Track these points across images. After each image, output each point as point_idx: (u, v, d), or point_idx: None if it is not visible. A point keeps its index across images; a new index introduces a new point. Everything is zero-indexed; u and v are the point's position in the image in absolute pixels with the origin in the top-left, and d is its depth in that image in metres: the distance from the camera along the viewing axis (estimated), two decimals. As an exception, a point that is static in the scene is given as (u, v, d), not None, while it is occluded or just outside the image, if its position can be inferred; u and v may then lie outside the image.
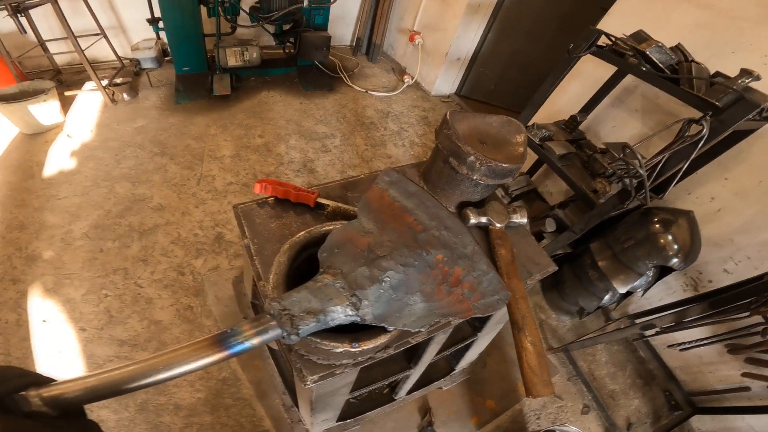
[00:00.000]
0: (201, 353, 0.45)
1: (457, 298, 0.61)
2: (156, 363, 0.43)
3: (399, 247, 0.61)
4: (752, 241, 1.72)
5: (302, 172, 2.77)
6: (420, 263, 0.61)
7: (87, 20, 2.91)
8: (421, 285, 0.60)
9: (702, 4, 1.80)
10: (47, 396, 0.38)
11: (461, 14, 3.29)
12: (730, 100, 1.35)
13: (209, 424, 1.61)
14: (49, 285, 1.90)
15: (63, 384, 0.39)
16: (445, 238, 0.65)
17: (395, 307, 0.57)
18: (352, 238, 0.63)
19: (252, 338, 0.48)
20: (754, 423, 1.82)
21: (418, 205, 0.68)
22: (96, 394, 0.40)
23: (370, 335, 0.63)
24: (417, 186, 0.70)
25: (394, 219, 0.67)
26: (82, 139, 2.66)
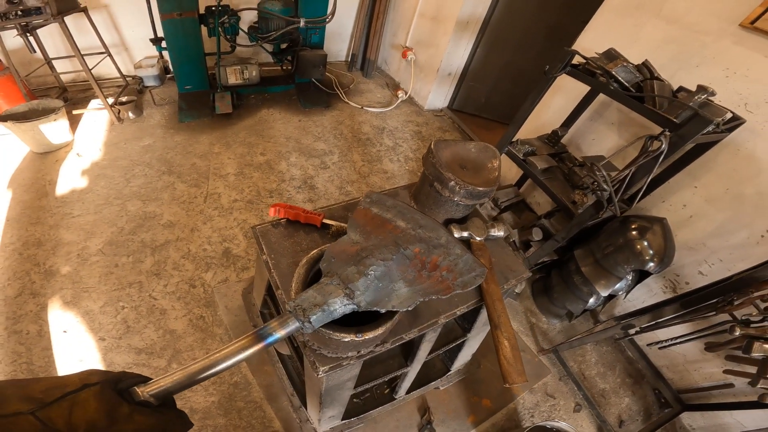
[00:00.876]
0: (247, 346, 0.59)
1: (437, 280, 0.75)
2: (218, 357, 0.57)
3: (380, 248, 0.76)
4: (724, 244, 1.81)
5: (303, 189, 2.88)
6: (398, 257, 0.75)
7: (90, 38, 3.00)
8: (403, 273, 0.74)
9: (670, 18, 1.88)
10: (151, 389, 0.50)
11: (451, 30, 3.43)
12: (687, 116, 1.44)
13: (223, 426, 1.69)
14: (68, 298, 1.99)
15: (160, 379, 0.51)
16: (420, 234, 0.78)
17: (383, 293, 0.72)
18: (344, 249, 0.77)
19: (279, 331, 0.63)
20: (742, 418, 1.88)
21: (396, 214, 0.82)
22: (183, 384, 0.53)
23: (371, 328, 0.78)
24: (393, 200, 0.84)
25: (376, 229, 0.80)
26: (92, 157, 2.77)
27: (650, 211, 2.04)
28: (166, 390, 0.51)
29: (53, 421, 0.40)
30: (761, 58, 1.61)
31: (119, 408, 0.44)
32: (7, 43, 2.67)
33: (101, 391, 0.44)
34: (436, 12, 3.59)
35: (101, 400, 0.43)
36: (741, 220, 1.75)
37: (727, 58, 1.71)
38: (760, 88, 1.62)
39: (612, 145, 2.21)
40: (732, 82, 1.69)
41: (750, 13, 1.61)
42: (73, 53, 2.65)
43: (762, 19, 1.58)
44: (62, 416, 0.41)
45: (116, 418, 0.43)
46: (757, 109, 1.63)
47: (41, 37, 2.91)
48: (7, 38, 2.68)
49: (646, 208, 2.06)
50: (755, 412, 1.79)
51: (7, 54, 2.68)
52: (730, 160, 1.74)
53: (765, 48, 1.60)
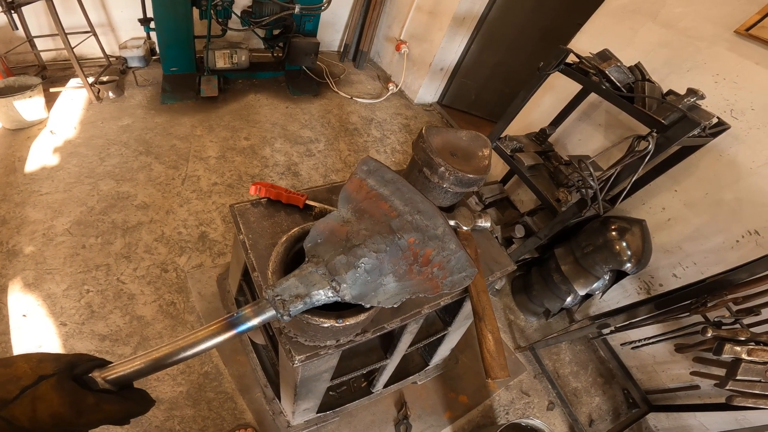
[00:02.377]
0: (217, 333, 0.56)
1: (427, 277, 0.69)
2: (185, 343, 0.54)
3: (374, 235, 0.69)
4: (699, 248, 1.86)
5: (286, 175, 2.83)
6: (392, 248, 0.68)
7: (77, 17, 2.90)
8: (394, 267, 0.69)
9: (665, 22, 1.92)
10: (110, 375, 0.48)
11: (447, 26, 3.42)
12: (675, 118, 1.47)
13: (191, 417, 1.63)
14: (29, 280, 1.89)
15: (119, 365, 0.49)
16: (417, 221, 0.71)
17: (370, 288, 0.67)
18: (333, 228, 0.71)
19: (253, 319, 0.59)
20: (704, 420, 1.93)
21: (393, 191, 0.73)
22: (145, 371, 0.50)
23: (353, 313, 0.74)
24: (393, 173, 0.75)
25: (371, 206, 0.73)
26: (66, 135, 2.65)
27: (630, 212, 2.08)
28: (126, 377, 0.49)
29: (18, 419, 0.39)
30: (752, 65, 1.64)
31: (84, 399, 0.43)
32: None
33: (59, 382, 0.42)
34: (434, 6, 3.57)
35: (62, 392, 0.42)
36: (717, 225, 1.80)
37: (718, 64, 1.75)
38: (747, 95, 1.66)
39: (598, 146, 2.24)
40: (720, 88, 1.73)
41: (746, 20, 1.64)
42: (56, 31, 2.54)
43: (758, 27, 1.60)
44: (26, 413, 0.39)
45: (82, 409, 0.42)
46: (742, 116, 1.67)
47: (25, 14, 2.77)
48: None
49: (627, 210, 2.09)
50: (718, 414, 1.84)
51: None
52: (712, 165, 1.79)
53: (757, 55, 1.64)
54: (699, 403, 1.89)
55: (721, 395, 1.73)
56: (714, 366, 1.60)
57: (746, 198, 1.70)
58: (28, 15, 2.81)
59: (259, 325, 0.59)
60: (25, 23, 2.80)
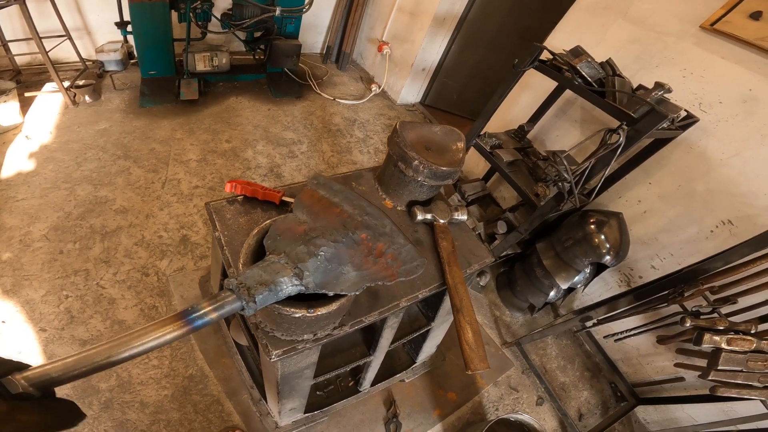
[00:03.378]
0: (167, 329, 0.51)
1: (383, 267, 0.74)
2: (128, 339, 0.48)
3: (330, 229, 0.74)
4: (675, 239, 1.90)
5: (269, 177, 2.81)
6: (347, 240, 0.73)
7: (51, 21, 2.84)
8: (351, 257, 0.73)
9: (635, 19, 1.96)
10: (32, 377, 0.42)
11: (427, 26, 3.45)
12: (644, 111, 1.51)
13: (177, 421, 1.61)
14: (7, 286, 1.85)
15: (45, 366, 0.43)
16: (367, 221, 0.78)
17: (332, 276, 0.69)
18: (291, 227, 0.74)
19: (210, 313, 0.55)
20: (691, 412, 1.94)
21: (343, 199, 0.81)
22: (76, 372, 0.44)
23: (323, 303, 0.75)
24: (340, 185, 0.84)
25: (323, 211, 0.79)
26: (42, 140, 2.59)
27: (608, 206, 2.12)
28: (51, 379, 0.43)
29: None
30: (717, 59, 1.69)
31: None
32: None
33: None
34: (414, 7, 3.60)
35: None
36: (691, 216, 1.84)
37: (686, 58, 1.79)
38: (714, 89, 1.70)
39: (574, 141, 2.27)
40: (688, 82, 1.77)
41: (710, 15, 1.68)
42: (30, 36, 2.49)
43: (722, 21, 1.64)
44: None
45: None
46: (711, 109, 1.71)
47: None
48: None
49: (604, 204, 2.13)
50: (705, 405, 1.84)
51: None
52: (683, 157, 1.83)
53: (722, 50, 1.68)
54: (685, 395, 1.90)
55: (705, 386, 1.77)
56: (696, 357, 1.60)
57: (718, 189, 1.74)
58: (2, 19, 2.75)
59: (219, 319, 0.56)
60: (-2, 27, 2.74)
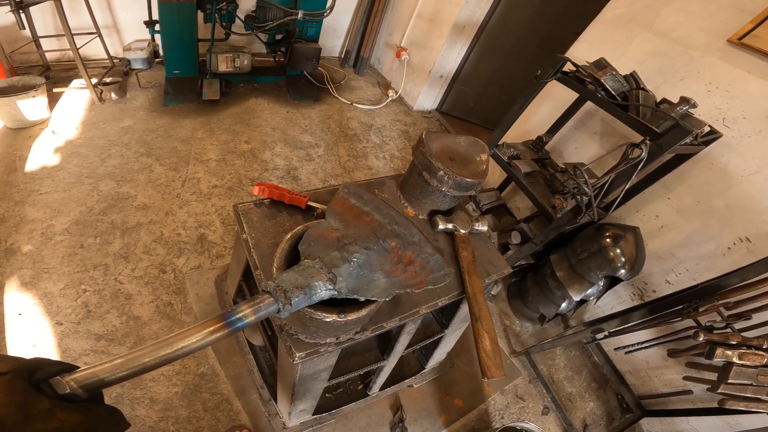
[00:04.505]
0: (209, 331, 0.52)
1: (411, 275, 0.77)
2: (173, 340, 0.49)
3: (361, 237, 0.77)
4: (691, 254, 1.89)
5: (286, 179, 2.84)
6: (378, 248, 0.76)
7: (83, 18, 2.92)
8: (381, 265, 0.75)
9: (659, 32, 1.95)
10: (80, 379, 0.42)
11: (447, 34, 3.47)
12: (667, 126, 1.49)
13: (185, 418, 1.62)
14: (26, 278, 1.88)
15: (93, 367, 0.43)
16: (396, 230, 0.81)
17: (363, 282, 0.71)
18: (324, 233, 0.77)
19: (250, 315, 0.57)
20: (697, 425, 1.94)
21: (373, 208, 0.84)
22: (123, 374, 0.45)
23: (354, 308, 0.77)
24: (370, 194, 0.87)
25: (354, 219, 0.82)
26: (67, 135, 2.66)
27: (624, 220, 2.11)
28: (100, 380, 0.43)
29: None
30: (743, 74, 1.67)
31: (36, 403, 0.37)
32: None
33: (11, 381, 0.37)
34: (434, 14, 3.62)
35: (11, 393, 0.36)
36: (709, 232, 1.82)
37: (711, 73, 1.78)
38: (739, 104, 1.69)
39: (593, 154, 2.27)
40: (713, 96, 1.76)
41: (739, 29, 1.66)
42: (63, 32, 2.56)
43: (750, 36, 1.62)
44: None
45: (32, 414, 0.36)
46: (734, 125, 1.70)
47: (32, 14, 2.80)
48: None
49: (621, 217, 2.12)
50: (711, 418, 1.85)
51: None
52: (704, 173, 1.81)
53: (749, 64, 1.66)
54: (692, 407, 1.90)
55: (713, 400, 1.74)
56: (706, 370, 1.61)
57: (737, 205, 1.72)
58: (34, 14, 2.84)
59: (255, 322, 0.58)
60: (32, 23, 2.83)
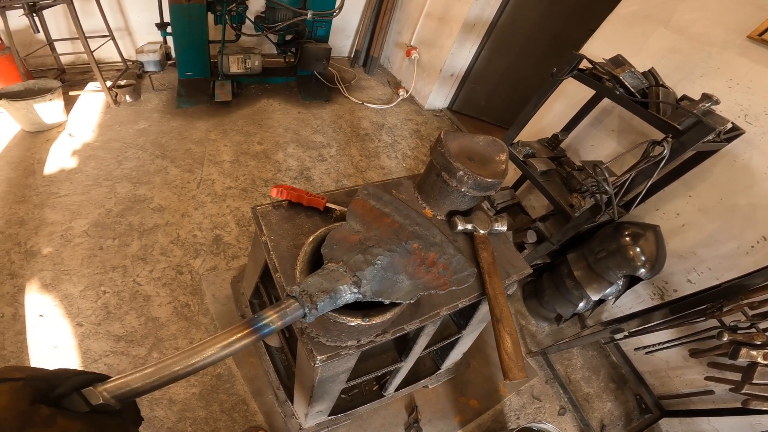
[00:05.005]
0: (237, 337, 0.52)
1: (435, 276, 0.76)
2: (201, 348, 0.49)
3: (384, 239, 0.76)
4: (713, 254, 1.85)
5: (299, 180, 2.85)
6: (401, 250, 0.76)
7: (95, 21, 2.97)
8: (405, 267, 0.75)
9: (677, 28, 1.92)
10: (112, 389, 0.42)
11: (457, 32, 3.45)
12: (689, 123, 1.46)
13: (202, 419, 1.63)
14: (47, 280, 1.92)
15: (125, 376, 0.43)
16: (417, 231, 0.81)
17: (387, 284, 0.71)
18: (346, 236, 0.76)
19: (276, 321, 0.56)
20: (718, 425, 1.92)
21: (393, 209, 0.84)
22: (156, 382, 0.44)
23: (379, 312, 0.76)
24: (390, 195, 0.87)
25: (375, 220, 0.81)
26: (84, 138, 2.70)
27: (644, 218, 2.07)
28: (132, 390, 0.43)
29: None
30: (764, 70, 1.64)
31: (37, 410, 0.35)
32: (10, 22, 2.65)
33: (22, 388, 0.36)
34: (443, 13, 3.60)
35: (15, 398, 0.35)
36: (731, 231, 1.79)
37: (731, 69, 1.74)
38: (761, 100, 1.65)
39: (610, 151, 2.23)
40: (734, 93, 1.72)
41: (758, 25, 1.63)
42: (76, 35, 2.61)
43: (770, 32, 1.59)
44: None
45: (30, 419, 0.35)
46: (756, 121, 1.66)
47: (45, 17, 2.86)
48: (11, 17, 2.66)
49: (641, 216, 2.08)
50: (731, 419, 1.83)
51: (9, 33, 2.66)
52: (726, 170, 1.77)
53: (769, 60, 1.63)
54: (713, 408, 1.88)
55: (735, 400, 1.77)
56: (729, 371, 1.61)
57: (760, 204, 1.68)
58: (48, 18, 2.89)
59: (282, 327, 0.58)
60: (45, 26, 2.88)
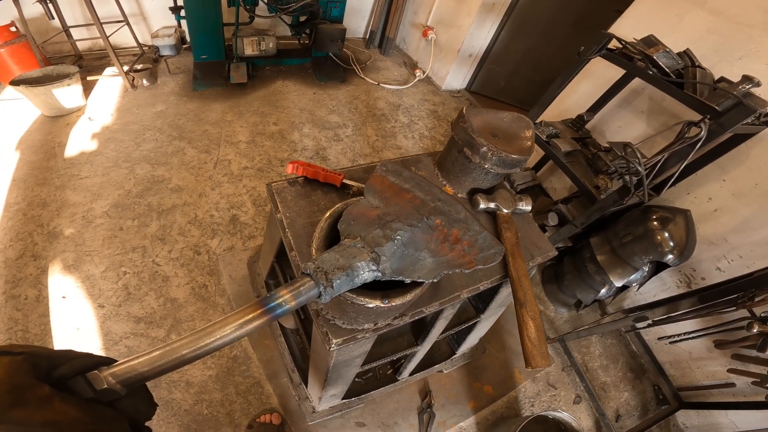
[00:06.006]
0: (248, 318, 0.49)
1: (459, 254, 0.71)
2: (211, 329, 0.46)
3: (404, 214, 0.72)
4: (746, 240, 1.77)
5: (315, 160, 2.84)
6: (423, 225, 0.71)
7: (110, 7, 2.97)
8: (427, 243, 0.70)
9: (713, 9, 1.84)
10: (118, 373, 0.39)
11: (475, 12, 3.34)
12: (729, 105, 1.40)
13: (218, 401, 1.64)
14: (69, 261, 1.95)
15: (131, 360, 0.41)
16: (440, 207, 0.76)
17: (408, 262, 0.67)
18: (364, 212, 0.72)
19: (290, 300, 0.53)
20: (735, 419, 1.89)
21: (413, 185, 0.80)
22: (163, 366, 0.42)
23: (399, 293, 0.73)
24: (410, 172, 0.82)
25: (395, 196, 0.77)
26: (103, 122, 2.73)
27: (674, 202, 1.99)
28: (139, 374, 0.40)
29: None
30: (807, 53, 1.53)
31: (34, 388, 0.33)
32: (25, 10, 2.68)
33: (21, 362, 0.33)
34: (461, -8, 3.47)
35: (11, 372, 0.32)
36: (766, 217, 1.70)
37: (773, 51, 1.65)
38: (802, 84, 1.55)
39: (639, 133, 2.15)
40: (775, 76, 1.63)
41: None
42: (92, 21, 2.61)
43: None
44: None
45: (24, 398, 0.32)
46: (797, 105, 1.56)
47: (60, 5, 2.89)
48: (25, 5, 2.69)
49: (670, 200, 2.00)
50: (751, 412, 1.80)
51: (25, 21, 2.69)
52: (764, 154, 1.69)
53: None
54: (733, 401, 1.84)
55: (756, 394, 1.76)
56: (753, 363, 1.57)
57: (799, 189, 1.60)
58: (62, 5, 2.91)
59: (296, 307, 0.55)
60: (60, 13, 2.90)
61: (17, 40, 2.69)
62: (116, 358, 0.42)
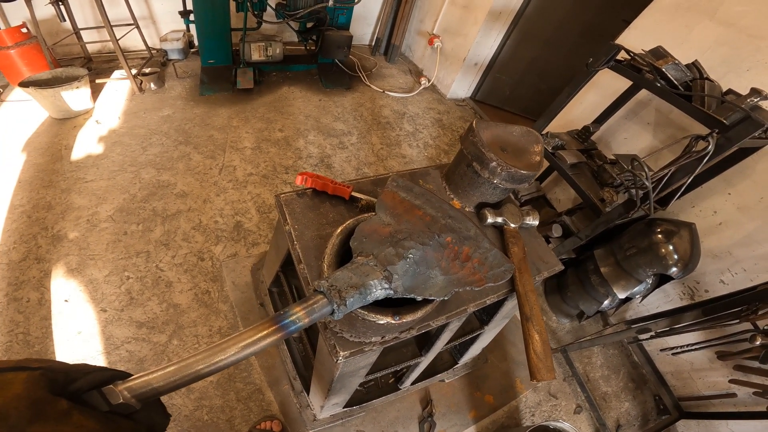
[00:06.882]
0: (262, 334, 0.49)
1: (470, 271, 0.72)
2: (226, 346, 0.46)
3: (415, 231, 0.73)
4: (750, 254, 1.77)
5: (319, 167, 2.84)
6: (434, 243, 0.72)
7: (120, 10, 3.00)
8: (438, 261, 0.71)
9: (723, 21, 1.84)
10: (134, 387, 0.40)
11: (482, 20, 3.35)
12: (737, 119, 1.40)
13: (219, 407, 1.63)
14: (73, 265, 1.94)
15: (146, 375, 0.41)
16: (450, 224, 0.77)
17: (420, 280, 0.67)
18: (376, 229, 0.73)
19: (303, 318, 0.54)
20: (736, 429, 1.88)
21: (424, 201, 0.80)
22: (177, 381, 0.42)
23: (410, 310, 0.73)
24: (420, 187, 0.83)
25: (406, 213, 0.78)
26: (110, 125, 2.74)
27: (678, 215, 1.99)
28: (153, 389, 0.41)
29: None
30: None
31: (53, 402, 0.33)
32: (37, 12, 2.71)
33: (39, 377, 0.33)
34: (468, 1, 3.50)
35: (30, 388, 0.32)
36: (771, 232, 1.70)
37: (781, 63, 1.65)
38: (811, 97, 1.55)
39: (645, 145, 2.15)
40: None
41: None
42: (102, 24, 2.64)
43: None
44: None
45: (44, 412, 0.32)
46: (805, 119, 1.56)
47: (71, 7, 2.92)
48: (38, 6, 2.71)
49: (675, 213, 2.00)
50: (751, 422, 1.80)
51: (37, 23, 2.71)
52: (769, 168, 1.69)
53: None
54: (734, 411, 1.84)
55: (757, 404, 1.76)
56: (755, 374, 1.59)
57: (804, 204, 1.60)
58: (74, 7, 2.94)
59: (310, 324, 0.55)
60: (71, 15, 2.92)
61: (28, 42, 2.71)
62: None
